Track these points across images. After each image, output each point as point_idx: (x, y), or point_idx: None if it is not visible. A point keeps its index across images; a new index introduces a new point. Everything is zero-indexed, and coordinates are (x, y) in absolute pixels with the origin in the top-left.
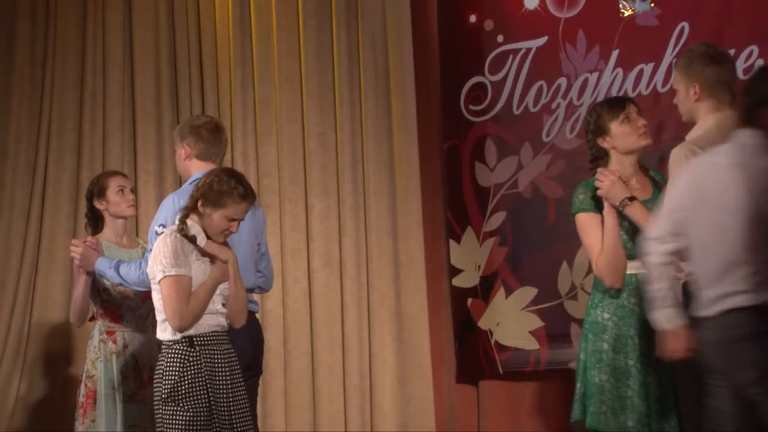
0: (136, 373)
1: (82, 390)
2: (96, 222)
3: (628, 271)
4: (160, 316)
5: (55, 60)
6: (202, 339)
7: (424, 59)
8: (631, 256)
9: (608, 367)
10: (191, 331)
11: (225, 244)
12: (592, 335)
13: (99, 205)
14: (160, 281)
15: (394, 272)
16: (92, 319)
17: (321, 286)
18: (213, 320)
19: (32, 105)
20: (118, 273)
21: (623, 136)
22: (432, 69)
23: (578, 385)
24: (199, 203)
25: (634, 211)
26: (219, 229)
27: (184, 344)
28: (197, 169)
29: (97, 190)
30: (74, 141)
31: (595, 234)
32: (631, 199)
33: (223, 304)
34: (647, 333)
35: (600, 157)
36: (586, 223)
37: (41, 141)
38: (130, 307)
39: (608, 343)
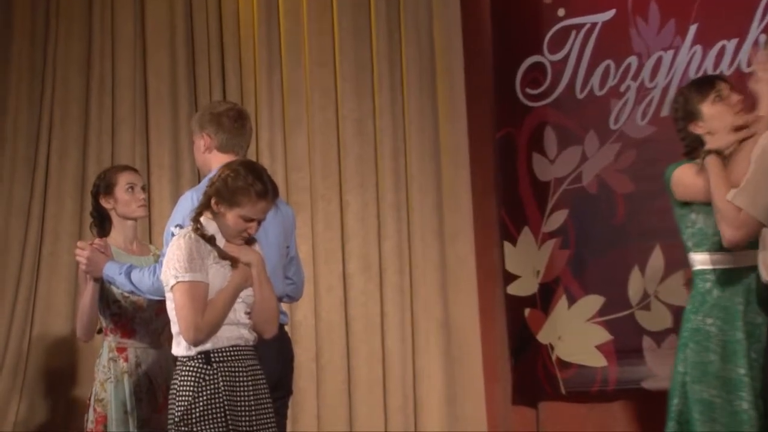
0: (151, 395)
1: (91, 416)
2: (102, 223)
3: (734, 265)
4: (174, 328)
5: (57, 39)
6: (220, 354)
7: (474, 37)
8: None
9: (717, 380)
10: (208, 345)
11: (252, 242)
12: (695, 344)
13: (106, 203)
14: (172, 288)
15: (441, 278)
16: (100, 332)
17: (358, 293)
18: (234, 332)
19: (32, 90)
20: (130, 279)
21: (717, 117)
22: (483, 47)
23: (675, 401)
24: (213, 200)
25: (716, 165)
26: (234, 231)
27: (200, 360)
28: (218, 163)
29: (104, 186)
30: (79, 131)
31: (717, 174)
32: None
33: (248, 314)
34: (753, 336)
35: (695, 147)
36: (693, 172)
37: (42, 131)
38: (143, 320)
39: (715, 353)
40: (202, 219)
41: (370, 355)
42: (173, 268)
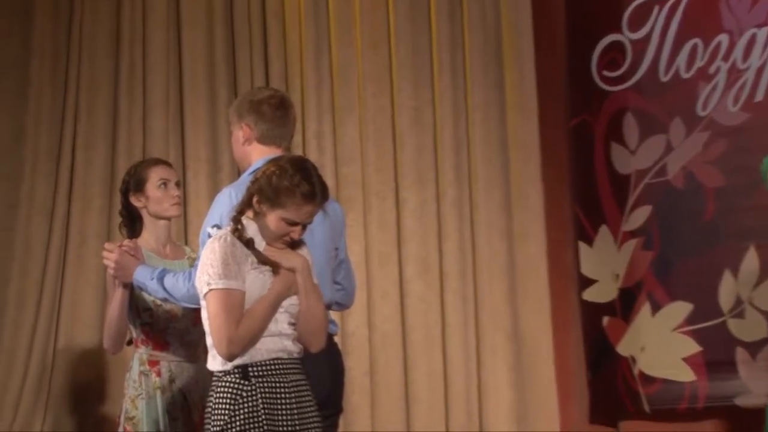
0: (186, 413)
1: None
2: (133, 223)
3: None
4: (209, 340)
5: (83, 18)
6: (259, 368)
7: (545, 14)
8: None
9: None
10: (245, 359)
11: (299, 245)
12: None
13: (136, 201)
14: (205, 296)
15: (509, 284)
16: (130, 343)
17: (416, 301)
18: (275, 344)
19: (54, 75)
20: (163, 285)
21: None
22: (555, 26)
23: None
24: (254, 198)
25: None
26: (275, 234)
27: (236, 375)
28: (259, 156)
29: (134, 182)
30: (107, 120)
31: None
32: None
33: (292, 324)
34: None
35: None
36: None
37: (66, 121)
38: (178, 331)
39: None
40: (244, 219)
41: (429, 369)
42: (206, 274)
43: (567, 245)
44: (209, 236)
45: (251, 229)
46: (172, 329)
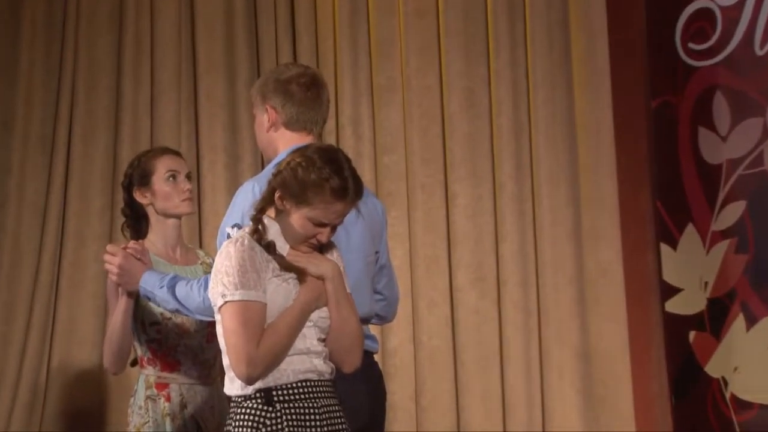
0: None
1: None
2: (137, 222)
3: None
4: (225, 360)
5: None
6: (285, 392)
7: None
8: None
9: None
10: (268, 381)
11: (329, 248)
12: None
13: (141, 198)
14: (220, 309)
15: (578, 293)
16: (135, 363)
17: (469, 313)
18: (303, 364)
19: (48, 53)
20: (174, 295)
21: None
22: None
23: None
24: (277, 194)
25: None
26: (300, 236)
27: (259, 401)
28: (286, 144)
29: (139, 176)
30: (109, 105)
31: None
32: None
33: (322, 340)
34: None
35: None
36: None
37: (62, 105)
38: (190, 348)
39: None
40: (266, 219)
41: (485, 393)
42: (221, 283)
43: (646, 248)
44: (229, 237)
45: (273, 230)
46: (184, 346)
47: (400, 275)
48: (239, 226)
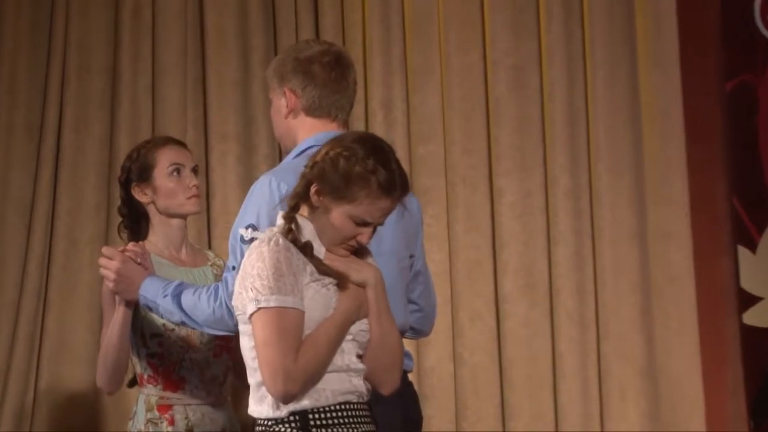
0: None
1: None
2: (137, 223)
3: None
4: (252, 377)
5: None
6: (323, 416)
7: None
8: None
9: None
10: (305, 403)
11: (363, 253)
12: None
13: (141, 195)
14: (251, 317)
15: (643, 302)
16: (134, 383)
17: (517, 325)
18: (343, 383)
19: (35, 29)
20: (179, 304)
21: None
22: None
23: None
24: (313, 189)
25: None
26: (339, 236)
27: (293, 425)
28: (308, 132)
29: (138, 170)
30: (104, 88)
31: None
32: None
33: (360, 357)
34: None
35: None
36: None
37: (50, 89)
38: (195, 364)
39: None
40: (299, 217)
41: (535, 417)
42: (252, 288)
43: (721, 251)
44: (242, 239)
45: (307, 229)
46: (189, 362)
47: (438, 282)
48: (254, 227)
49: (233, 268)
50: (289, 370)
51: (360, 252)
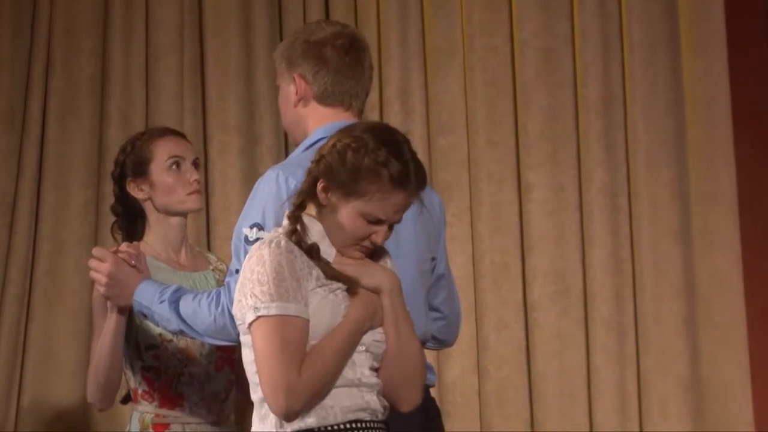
0: None
1: None
2: (132, 222)
3: None
4: (255, 392)
5: None
6: None
7: None
8: None
9: None
10: (310, 421)
11: (380, 255)
12: None
13: (137, 191)
14: (251, 326)
15: (686, 309)
16: (128, 399)
17: (548, 335)
18: (353, 399)
19: (18, 10)
20: (177, 311)
21: None
22: None
23: None
24: (320, 185)
25: None
26: (350, 236)
27: None
28: (319, 122)
29: (134, 163)
30: (93, 74)
31: None
32: None
33: (375, 370)
34: None
35: None
36: None
37: (34, 75)
38: (195, 378)
39: None
40: (305, 216)
41: None
42: (251, 294)
43: None
44: (247, 240)
45: (315, 230)
46: (188, 376)
47: (461, 288)
48: (260, 227)
49: (237, 271)
50: (292, 384)
51: (377, 254)
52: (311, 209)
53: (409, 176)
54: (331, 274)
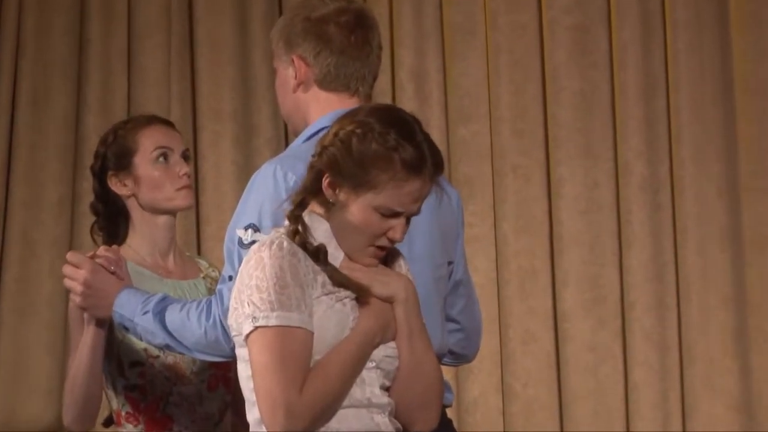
0: None
1: None
2: (114, 222)
3: None
4: (251, 413)
5: None
6: None
7: None
8: None
9: None
10: None
11: (393, 258)
12: None
13: (119, 187)
14: (248, 338)
15: (736, 320)
16: (110, 422)
17: (580, 349)
18: (361, 420)
19: None
20: (163, 324)
21: None
22: None
23: None
24: (325, 180)
25: None
26: (365, 235)
27: None
28: (322, 109)
29: (116, 156)
30: (70, 54)
31: None
32: None
33: (386, 389)
34: None
35: None
36: None
37: (4, 56)
38: (186, 399)
39: None
40: (305, 215)
41: None
42: (249, 302)
43: None
44: (241, 243)
45: (321, 230)
46: (177, 396)
47: (482, 296)
48: (255, 228)
49: (230, 278)
50: (292, 403)
51: (389, 256)
52: (316, 207)
53: (425, 159)
54: (339, 280)
